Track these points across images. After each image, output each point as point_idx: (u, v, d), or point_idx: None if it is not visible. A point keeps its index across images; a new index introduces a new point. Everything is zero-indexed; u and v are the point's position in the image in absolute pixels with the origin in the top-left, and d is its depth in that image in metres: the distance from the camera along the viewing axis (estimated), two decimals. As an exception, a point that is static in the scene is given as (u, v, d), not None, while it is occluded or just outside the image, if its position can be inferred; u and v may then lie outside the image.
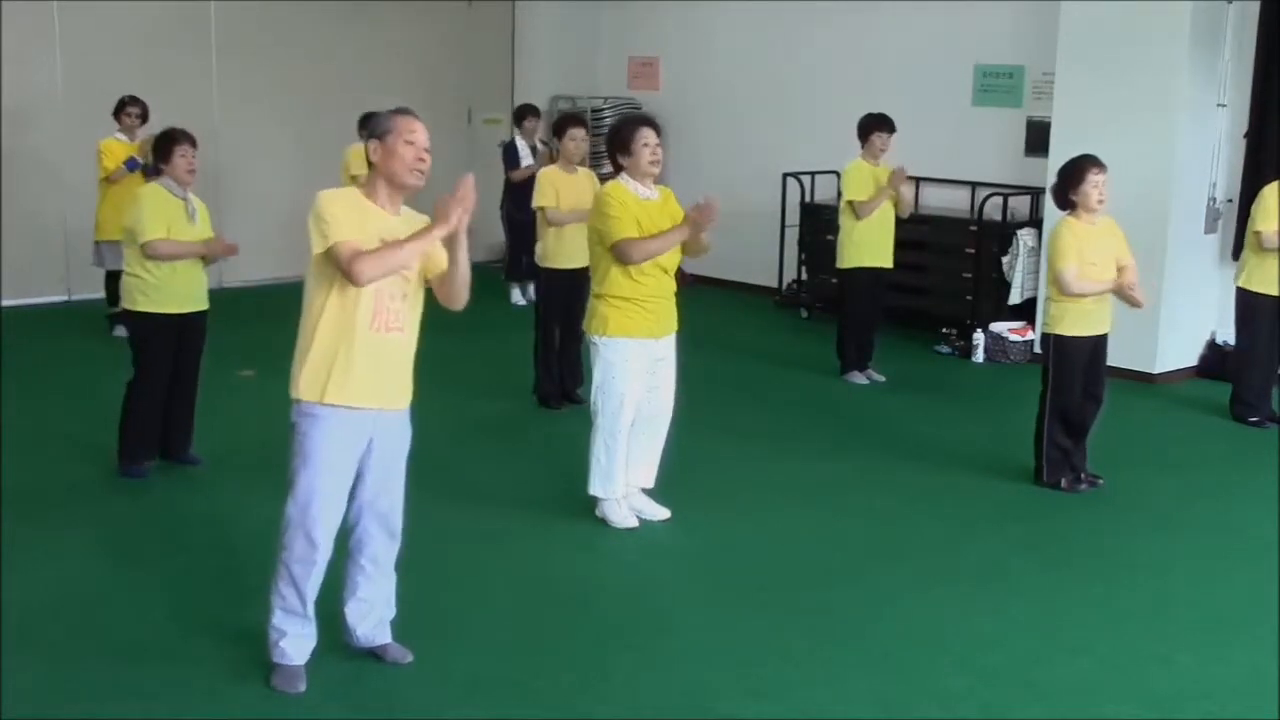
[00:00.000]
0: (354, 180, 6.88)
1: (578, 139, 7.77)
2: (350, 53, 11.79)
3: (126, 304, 6.31)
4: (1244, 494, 6.54)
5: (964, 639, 4.77)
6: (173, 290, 6.20)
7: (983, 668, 4.54)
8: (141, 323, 6.25)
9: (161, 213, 6.12)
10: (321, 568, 4.22)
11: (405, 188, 4.14)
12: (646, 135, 5.60)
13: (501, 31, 13.01)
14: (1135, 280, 6.25)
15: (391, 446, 4.25)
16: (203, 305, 6.37)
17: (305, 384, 4.10)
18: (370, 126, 4.19)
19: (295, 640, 4.27)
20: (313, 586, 4.23)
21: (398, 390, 4.22)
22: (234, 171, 10.89)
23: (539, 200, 7.60)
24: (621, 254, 5.50)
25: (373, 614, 4.42)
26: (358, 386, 4.09)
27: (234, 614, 4.78)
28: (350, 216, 4.04)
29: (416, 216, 4.24)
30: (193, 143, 6.26)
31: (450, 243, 4.11)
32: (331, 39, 11.72)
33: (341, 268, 3.98)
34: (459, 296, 4.23)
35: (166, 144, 6.24)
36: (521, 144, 10.79)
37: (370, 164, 4.15)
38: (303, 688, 4.24)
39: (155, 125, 9.70)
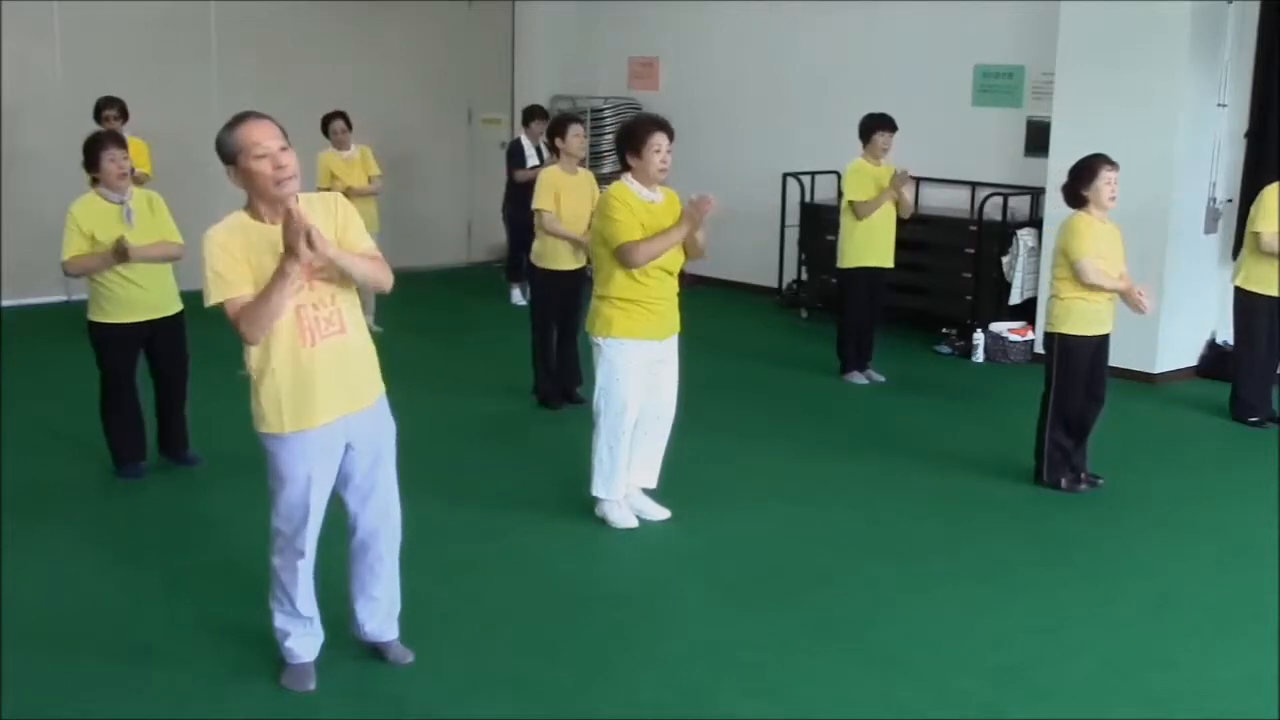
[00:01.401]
0: (328, 190, 6.79)
1: (580, 135, 7.78)
2: (350, 53, 11.80)
3: (87, 313, 6.29)
4: (1244, 494, 6.54)
5: (964, 639, 4.77)
6: (128, 301, 6.16)
7: (983, 667, 4.54)
8: (98, 333, 6.24)
9: (82, 228, 5.99)
10: (309, 573, 4.22)
11: (280, 201, 3.85)
12: (659, 141, 5.56)
13: (501, 31, 13.01)
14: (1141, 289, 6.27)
15: (372, 443, 4.19)
16: (171, 310, 6.31)
17: (262, 418, 4.02)
18: (218, 151, 3.90)
19: (300, 639, 4.29)
20: (305, 591, 4.23)
21: (360, 390, 4.11)
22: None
23: (538, 202, 7.58)
24: (625, 258, 5.50)
25: (381, 610, 4.43)
26: (314, 405, 3.98)
27: (235, 613, 4.79)
28: (237, 255, 3.84)
29: (319, 200, 4.07)
30: (120, 144, 6.16)
31: (331, 263, 3.84)
32: (331, 39, 11.72)
33: (232, 323, 3.86)
34: (375, 289, 4.06)
35: (93, 150, 6.10)
36: (528, 144, 10.77)
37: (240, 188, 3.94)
38: (312, 686, 4.25)
39: (153, 125, 9.76)
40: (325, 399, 4.00)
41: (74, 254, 6.03)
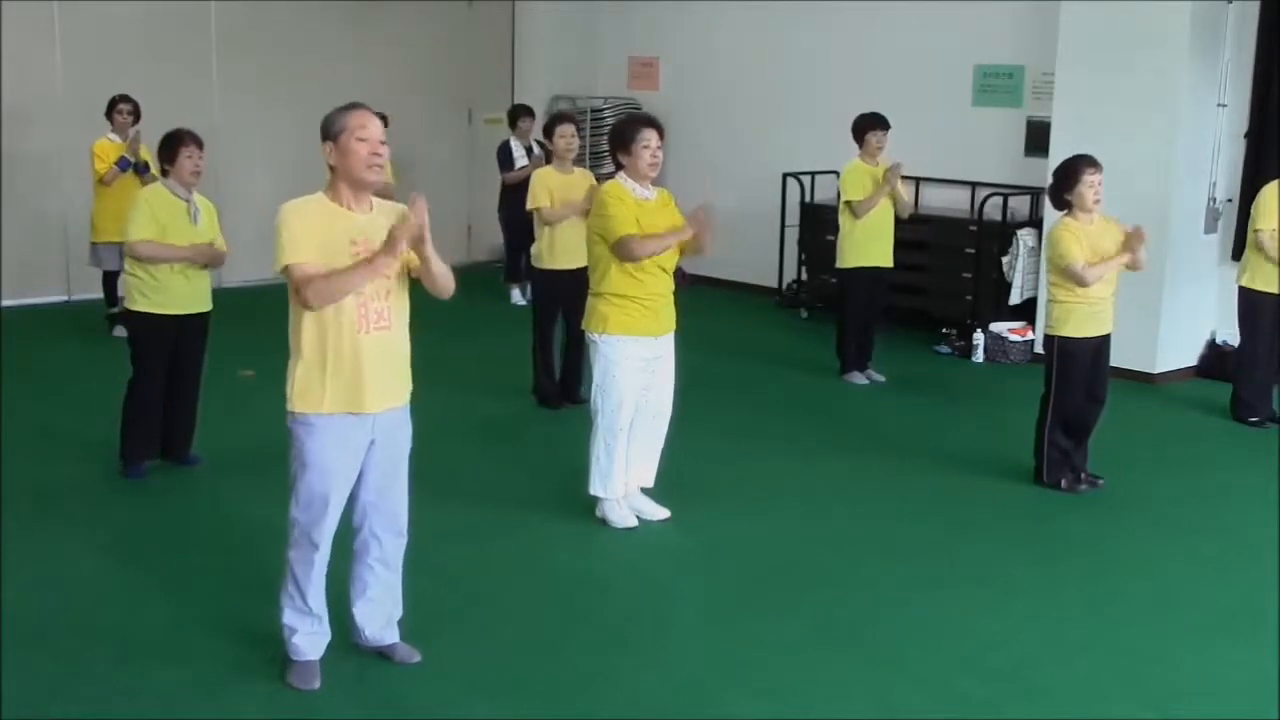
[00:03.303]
0: None
1: (567, 136, 7.78)
2: (350, 53, 11.79)
3: (127, 303, 6.33)
4: (1244, 494, 6.54)
5: (964, 639, 4.77)
6: (171, 292, 6.19)
7: (983, 667, 4.54)
8: (139, 322, 6.26)
9: (155, 214, 6.09)
10: (323, 568, 4.24)
11: (365, 185, 4.09)
12: (648, 137, 5.59)
13: (501, 31, 13.01)
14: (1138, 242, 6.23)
15: (393, 445, 4.25)
16: (204, 307, 6.36)
17: (300, 396, 4.09)
18: (323, 128, 4.13)
19: (307, 637, 4.29)
20: (316, 586, 4.25)
21: (395, 388, 4.21)
22: (234, 171, 10.90)
23: (532, 202, 7.62)
24: (624, 251, 5.50)
25: (381, 613, 4.43)
26: (354, 391, 4.07)
27: (236, 612, 4.79)
28: (311, 230, 4.00)
29: (390, 209, 4.21)
30: (199, 144, 6.23)
31: (418, 251, 4.10)
32: (331, 39, 11.72)
33: (295, 290, 3.99)
34: (442, 291, 4.28)
35: (172, 145, 6.21)
36: (516, 145, 10.79)
37: (330, 166, 4.10)
38: (317, 684, 4.25)
39: (153, 125, 9.75)
40: (364, 388, 4.09)
41: (147, 236, 6.06)
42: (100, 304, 9.60)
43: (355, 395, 4.08)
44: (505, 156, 10.79)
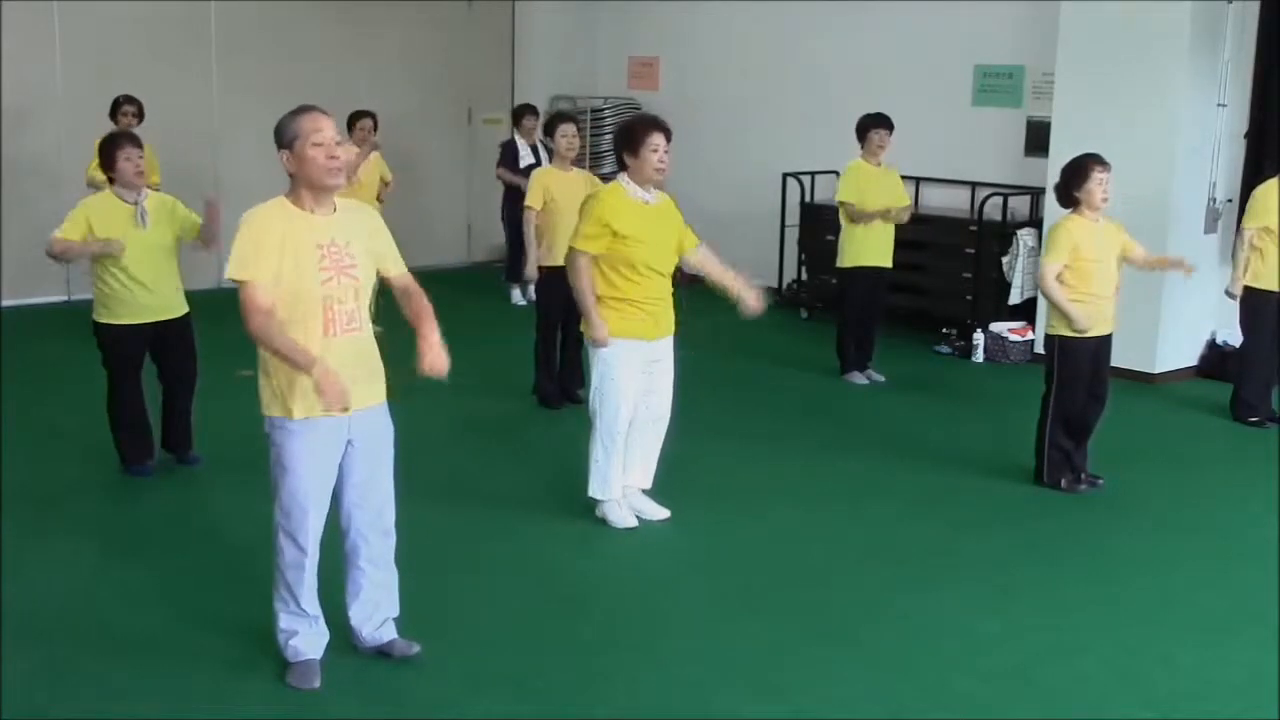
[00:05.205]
0: None
1: (569, 135, 7.78)
2: (350, 53, 11.79)
3: (93, 314, 6.29)
4: (1244, 494, 6.54)
5: (964, 639, 4.77)
6: (133, 302, 6.17)
7: (983, 668, 4.54)
8: (103, 334, 6.25)
9: (88, 219, 6.02)
10: (313, 570, 4.24)
11: (327, 189, 4.04)
12: (656, 140, 5.54)
13: (501, 31, 13.01)
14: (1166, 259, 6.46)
15: (372, 444, 4.23)
16: (177, 312, 6.32)
17: (271, 400, 4.08)
18: (276, 136, 4.05)
19: (306, 637, 4.30)
20: (309, 588, 4.25)
21: (368, 389, 4.18)
22: (234, 171, 10.88)
23: (528, 200, 7.65)
24: (570, 259, 5.54)
25: (377, 614, 4.43)
26: None
27: (236, 611, 4.79)
28: (273, 238, 3.95)
29: (356, 208, 4.25)
30: (137, 144, 6.16)
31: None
32: (331, 39, 11.71)
33: (241, 305, 3.93)
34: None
35: (109, 149, 6.12)
36: (521, 143, 10.80)
37: (289, 174, 4.06)
38: (317, 683, 4.25)
39: (154, 125, 9.76)
40: None
41: (63, 236, 6.02)
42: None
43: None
44: (509, 154, 10.79)
